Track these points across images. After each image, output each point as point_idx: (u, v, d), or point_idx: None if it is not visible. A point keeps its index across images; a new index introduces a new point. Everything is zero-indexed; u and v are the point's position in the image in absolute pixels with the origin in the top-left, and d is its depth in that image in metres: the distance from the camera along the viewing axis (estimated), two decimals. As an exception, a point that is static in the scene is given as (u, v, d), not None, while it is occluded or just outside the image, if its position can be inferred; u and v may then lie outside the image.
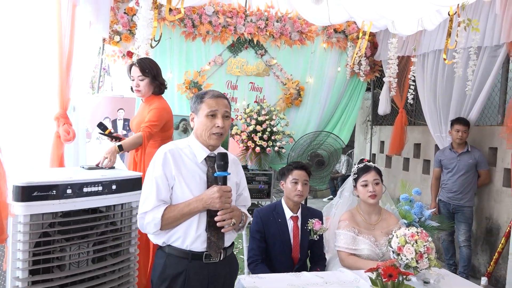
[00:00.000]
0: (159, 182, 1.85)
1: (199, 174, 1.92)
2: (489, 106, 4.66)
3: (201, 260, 1.88)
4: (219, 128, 1.90)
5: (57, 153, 3.22)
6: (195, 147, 1.95)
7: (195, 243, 1.87)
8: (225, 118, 1.94)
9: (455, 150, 4.32)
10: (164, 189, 1.86)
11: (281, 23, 5.63)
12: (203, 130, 1.91)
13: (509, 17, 3.69)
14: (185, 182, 1.88)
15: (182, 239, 1.87)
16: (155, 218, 1.82)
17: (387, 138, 6.38)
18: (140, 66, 3.05)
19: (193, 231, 1.87)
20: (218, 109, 1.91)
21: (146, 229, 1.87)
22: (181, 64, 5.47)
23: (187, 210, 1.84)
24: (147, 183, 1.89)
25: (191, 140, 1.98)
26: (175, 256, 1.88)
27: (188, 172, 1.90)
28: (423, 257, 2.02)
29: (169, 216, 1.83)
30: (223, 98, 1.97)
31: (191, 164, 1.92)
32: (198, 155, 1.94)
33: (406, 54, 5.28)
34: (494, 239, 4.33)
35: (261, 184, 5.35)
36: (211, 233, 1.89)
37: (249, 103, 5.78)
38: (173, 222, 1.85)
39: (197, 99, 1.95)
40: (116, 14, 4.88)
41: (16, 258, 1.88)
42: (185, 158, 1.92)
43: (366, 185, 2.63)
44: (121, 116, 4.39)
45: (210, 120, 1.90)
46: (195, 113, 1.97)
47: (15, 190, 1.88)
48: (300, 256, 2.68)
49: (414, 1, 3.80)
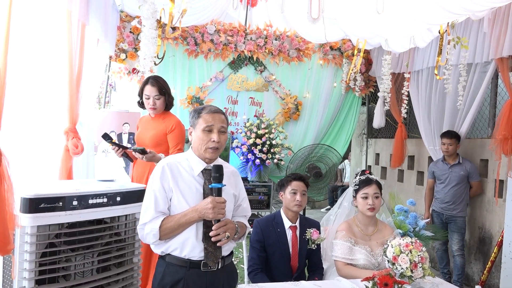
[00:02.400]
0: (157, 194, 1.91)
1: (195, 186, 1.96)
2: (480, 120, 4.82)
3: (199, 269, 1.92)
4: (214, 143, 1.95)
5: (66, 166, 3.30)
6: (193, 160, 2.00)
7: (193, 252, 1.92)
8: (221, 133, 1.98)
9: (447, 162, 4.44)
10: (162, 201, 1.91)
11: (279, 41, 5.84)
12: (200, 144, 1.97)
13: (497, 35, 3.82)
14: (182, 193, 1.93)
15: (180, 249, 1.92)
16: (154, 229, 1.87)
17: (382, 151, 6.54)
18: (158, 86, 3.16)
19: (190, 241, 1.92)
20: (214, 124, 1.96)
21: (146, 239, 1.92)
22: (183, 80, 5.67)
23: (184, 220, 1.89)
24: (147, 195, 1.95)
25: (189, 154, 2.03)
26: (174, 264, 1.93)
27: (185, 184, 1.95)
28: (418, 267, 2.05)
29: (167, 226, 1.88)
30: (220, 114, 2.01)
31: (188, 176, 1.97)
32: (195, 168, 1.98)
33: (401, 71, 5.45)
34: (487, 248, 4.43)
35: (261, 195, 5.47)
36: (208, 243, 1.93)
37: (249, 117, 5.95)
38: (171, 232, 1.90)
39: (195, 114, 2.01)
40: (122, 33, 5.08)
41: (23, 268, 1.90)
42: (183, 171, 1.97)
43: (366, 198, 2.66)
44: (126, 130, 4.54)
45: (207, 134, 1.95)
46: (193, 127, 2.02)
47: (22, 202, 1.91)
48: (299, 265, 2.72)
49: (406, 20, 3.99)
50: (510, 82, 3.77)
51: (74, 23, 3.20)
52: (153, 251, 2.02)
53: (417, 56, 5.13)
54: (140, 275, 2.46)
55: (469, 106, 4.42)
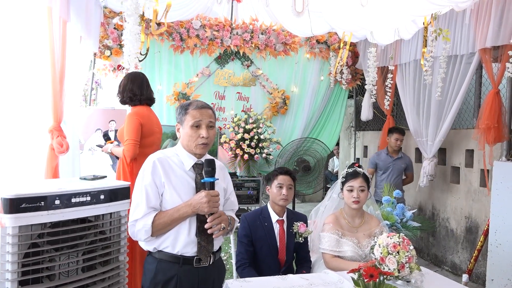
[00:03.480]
0: (149, 189, 1.90)
1: (187, 181, 1.96)
2: (465, 110, 4.88)
3: (192, 265, 1.93)
4: (204, 139, 1.95)
5: (51, 165, 3.26)
6: (183, 156, 2.00)
7: (186, 248, 1.92)
8: (210, 128, 1.98)
9: (391, 155, 4.92)
10: (153, 197, 1.90)
11: (265, 35, 5.82)
12: (189, 140, 1.96)
13: (480, 27, 3.85)
14: (175, 188, 1.93)
15: (173, 245, 1.92)
16: (146, 225, 1.86)
17: (370, 143, 6.58)
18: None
19: (183, 236, 1.92)
20: (202, 120, 1.95)
21: (137, 236, 1.91)
22: (170, 76, 5.62)
23: (177, 215, 1.88)
24: (137, 191, 1.92)
25: (178, 149, 2.03)
26: (166, 261, 1.92)
27: (177, 179, 1.94)
28: (405, 267, 2.07)
29: (159, 222, 1.88)
30: (207, 109, 2.00)
31: (180, 171, 1.96)
32: (185, 163, 1.98)
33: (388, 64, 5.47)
34: (473, 237, 4.50)
35: (250, 190, 5.45)
36: (201, 237, 1.94)
37: (236, 112, 5.93)
38: (164, 228, 1.89)
39: (182, 110, 1.99)
40: (106, 30, 5.02)
41: (6, 269, 1.87)
42: (174, 166, 1.96)
43: (351, 191, 2.70)
44: (112, 127, 4.51)
45: (195, 130, 1.95)
46: (180, 124, 2.01)
47: (3, 202, 1.87)
48: (286, 258, 2.74)
49: (390, 12, 4.00)
50: (493, 73, 3.81)
51: (55, 20, 3.16)
52: (143, 248, 2.01)
53: (403, 49, 5.16)
54: (127, 273, 2.42)
55: (455, 97, 4.47)
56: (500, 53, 3.71)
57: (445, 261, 4.90)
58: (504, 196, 3.68)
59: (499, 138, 3.72)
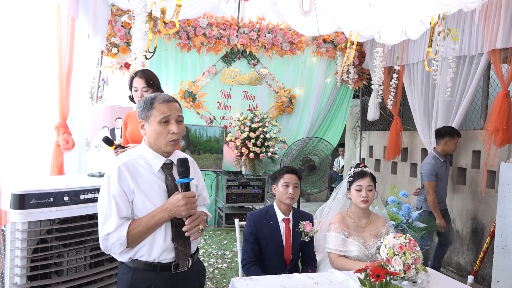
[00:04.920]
0: (118, 199, 1.72)
1: (158, 184, 1.81)
2: (472, 111, 4.85)
3: (170, 271, 1.80)
4: (174, 135, 1.80)
5: (57, 162, 3.30)
6: (149, 156, 1.83)
7: (163, 255, 1.79)
8: (179, 123, 1.82)
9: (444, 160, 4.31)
10: (124, 206, 1.73)
11: (272, 34, 5.82)
12: (157, 138, 1.80)
13: (489, 27, 3.83)
14: (145, 194, 1.77)
15: (148, 253, 1.77)
16: (120, 238, 1.70)
17: (376, 143, 6.56)
18: (146, 78, 3.03)
19: (159, 243, 1.78)
20: (171, 114, 1.79)
21: (111, 250, 1.75)
22: (176, 74, 5.64)
23: (153, 222, 1.73)
24: (104, 202, 1.73)
25: (144, 149, 1.86)
26: (142, 269, 1.78)
27: (146, 184, 1.78)
28: (411, 268, 2.05)
29: (135, 232, 1.72)
30: (174, 102, 1.84)
31: (148, 174, 1.80)
32: (153, 164, 1.82)
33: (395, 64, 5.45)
34: (479, 239, 4.48)
35: (255, 189, 5.47)
36: (178, 242, 1.81)
37: (242, 111, 5.94)
38: (140, 237, 1.75)
39: (147, 105, 1.81)
40: (113, 27, 5.04)
41: (15, 265, 1.88)
42: (141, 169, 1.79)
43: (360, 190, 2.68)
44: (119, 125, 4.53)
45: (164, 126, 1.78)
46: (145, 120, 1.82)
47: (13, 198, 1.88)
48: (292, 257, 2.73)
49: (398, 12, 3.99)
50: (503, 74, 3.79)
51: (63, 18, 3.19)
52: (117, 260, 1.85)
53: (411, 49, 5.14)
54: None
55: (462, 97, 4.45)
56: (510, 53, 3.69)
57: (451, 262, 4.87)
58: (510, 197, 3.65)
59: (508, 140, 3.70)
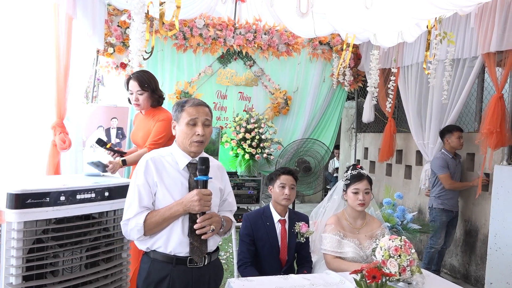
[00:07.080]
0: (141, 189, 1.87)
1: (181, 181, 1.93)
2: (466, 114, 4.89)
3: (185, 265, 1.89)
4: (199, 136, 1.92)
5: (53, 161, 3.28)
6: (177, 155, 1.97)
7: (178, 248, 1.89)
8: (206, 126, 1.95)
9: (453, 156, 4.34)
10: (146, 196, 1.88)
11: (268, 36, 5.84)
12: (184, 138, 1.93)
13: (484, 31, 3.87)
14: (167, 188, 1.90)
15: (165, 244, 1.89)
16: (138, 224, 1.84)
17: (371, 145, 6.59)
18: (139, 81, 3.02)
19: (176, 236, 1.89)
20: (198, 117, 1.93)
21: (130, 235, 1.89)
22: (172, 75, 5.63)
23: (168, 214, 1.85)
24: (131, 190, 1.91)
25: (173, 148, 2.00)
26: (160, 261, 1.90)
27: (170, 179, 1.92)
28: (406, 270, 2.07)
29: (151, 221, 1.85)
30: (203, 106, 1.97)
31: (173, 170, 1.94)
32: (180, 162, 1.95)
33: (391, 66, 5.48)
34: (473, 241, 4.51)
35: (251, 190, 5.47)
36: (194, 238, 1.90)
37: (238, 112, 5.94)
38: (156, 227, 1.87)
39: (178, 108, 1.97)
40: (110, 27, 5.02)
41: (10, 265, 1.87)
42: (167, 165, 1.94)
43: (357, 193, 2.70)
44: (114, 124, 4.52)
45: (191, 128, 1.92)
46: (176, 121, 1.98)
47: (8, 197, 1.88)
48: (288, 258, 2.75)
49: (394, 15, 4.02)
50: (497, 77, 3.82)
51: (61, 17, 3.18)
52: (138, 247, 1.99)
53: (406, 51, 5.17)
54: (129, 270, 2.44)
55: (456, 100, 4.48)
56: (504, 57, 3.72)
57: (444, 264, 4.90)
58: (504, 200, 3.69)
59: (502, 143, 3.73)
